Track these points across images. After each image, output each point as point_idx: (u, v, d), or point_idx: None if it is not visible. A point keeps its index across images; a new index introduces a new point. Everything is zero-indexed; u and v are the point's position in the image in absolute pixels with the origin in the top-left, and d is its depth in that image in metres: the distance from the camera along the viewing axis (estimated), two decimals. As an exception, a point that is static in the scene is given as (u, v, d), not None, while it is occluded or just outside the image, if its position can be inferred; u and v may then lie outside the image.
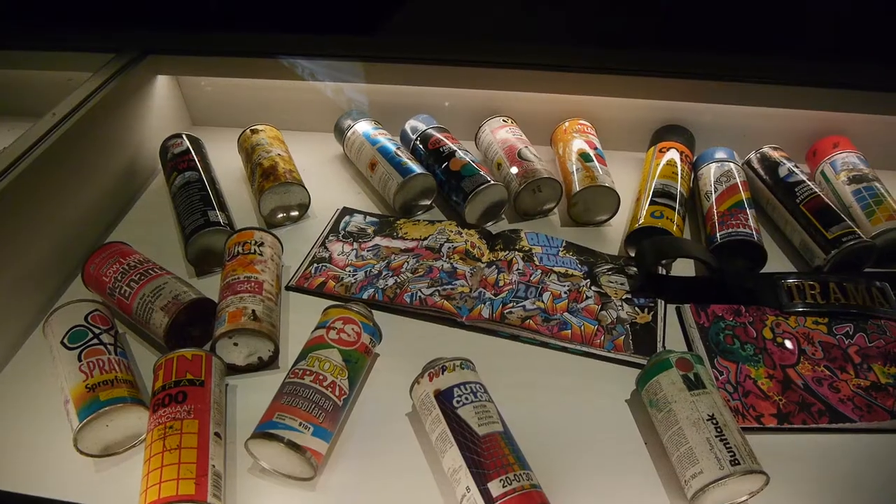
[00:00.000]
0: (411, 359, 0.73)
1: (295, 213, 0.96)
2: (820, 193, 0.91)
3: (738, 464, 0.59)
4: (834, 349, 0.77)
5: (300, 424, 0.63)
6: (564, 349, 0.78)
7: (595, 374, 0.76)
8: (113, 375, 0.68)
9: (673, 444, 0.63)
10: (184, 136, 1.04)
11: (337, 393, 0.67)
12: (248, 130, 1.05)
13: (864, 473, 0.67)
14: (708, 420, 0.62)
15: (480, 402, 0.64)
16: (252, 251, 0.82)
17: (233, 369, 0.76)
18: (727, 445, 0.60)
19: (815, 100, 1.07)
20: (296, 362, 0.69)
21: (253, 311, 0.74)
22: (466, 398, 0.64)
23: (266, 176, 0.95)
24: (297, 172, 0.98)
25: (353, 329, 0.72)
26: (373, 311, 0.78)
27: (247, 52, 1.12)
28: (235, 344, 0.74)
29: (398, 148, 0.99)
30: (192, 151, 1.01)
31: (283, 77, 1.16)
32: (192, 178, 0.95)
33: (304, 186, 0.96)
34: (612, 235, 0.95)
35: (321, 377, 0.67)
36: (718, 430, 0.61)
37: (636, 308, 0.81)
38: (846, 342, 0.78)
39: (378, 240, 0.92)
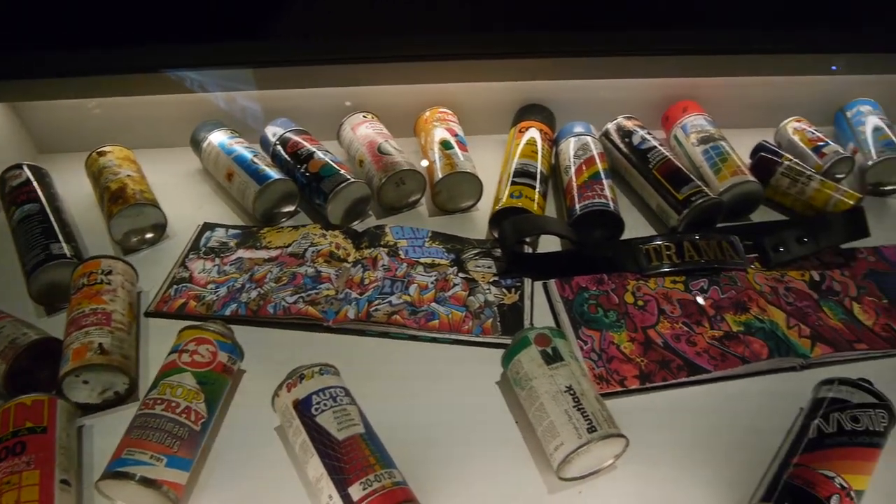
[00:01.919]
0: (279, 371, 0.70)
1: (151, 235, 0.92)
2: (671, 157, 0.94)
3: (595, 430, 0.60)
4: (690, 305, 0.80)
5: (152, 457, 0.59)
6: (434, 340, 0.77)
7: (466, 361, 0.76)
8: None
9: (537, 419, 0.64)
10: (24, 167, 0.97)
11: (193, 418, 0.64)
12: (94, 153, 0.99)
13: (722, 419, 0.70)
14: (566, 391, 0.63)
15: (340, 407, 0.62)
16: (99, 281, 0.77)
17: (88, 408, 0.71)
18: (584, 414, 0.61)
19: (663, 67, 1.11)
20: (147, 392, 0.66)
21: (100, 344, 0.70)
22: (325, 404, 0.62)
23: (114, 199, 0.90)
24: (149, 192, 0.93)
25: (207, 349, 0.69)
26: (236, 326, 0.75)
27: (89, 70, 1.06)
28: (85, 382, 0.70)
29: (256, 155, 0.96)
30: (34, 182, 0.94)
31: (134, 93, 1.10)
32: (33, 211, 0.89)
33: (157, 206, 0.91)
34: (480, 220, 0.95)
35: (174, 404, 0.63)
36: (576, 400, 0.62)
37: (503, 289, 0.82)
38: (701, 297, 0.81)
39: (241, 252, 0.89)
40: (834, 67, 1.13)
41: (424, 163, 0.98)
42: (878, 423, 0.62)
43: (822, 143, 1.02)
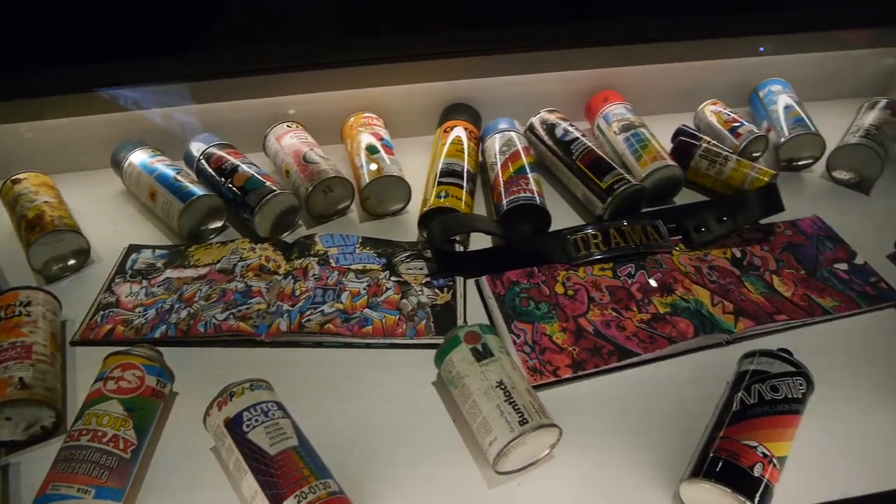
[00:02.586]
0: (213, 390, 0.68)
1: (73, 262, 0.89)
2: (594, 147, 0.96)
3: (527, 422, 0.60)
4: (619, 290, 0.82)
5: (79, 490, 0.58)
6: (368, 345, 0.77)
7: (401, 364, 0.76)
8: None
9: (471, 416, 0.64)
10: (-67, 201, 0.93)
11: (122, 446, 0.62)
12: (8, 181, 0.96)
13: (654, 400, 0.71)
14: (497, 386, 0.63)
15: (272, 421, 0.62)
16: (17, 313, 0.74)
17: (13, 446, 0.69)
18: (515, 407, 0.62)
19: (583, 59, 1.13)
20: (72, 424, 0.64)
21: (20, 378, 0.68)
22: (257, 420, 0.61)
23: (31, 227, 0.87)
24: (69, 218, 0.91)
25: (134, 374, 0.67)
26: (167, 348, 0.74)
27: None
28: (8, 418, 0.67)
29: (179, 173, 0.94)
30: (-57, 216, 0.90)
31: (48, 116, 1.07)
32: (-56, 246, 0.85)
33: (78, 232, 0.89)
34: (410, 223, 0.95)
35: (100, 433, 0.62)
36: (507, 394, 0.63)
37: (436, 290, 0.82)
38: (629, 282, 0.83)
39: (169, 272, 0.87)
40: (761, 49, 1.17)
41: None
42: (796, 391, 0.64)
43: (737, 124, 1.06)
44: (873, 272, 0.86)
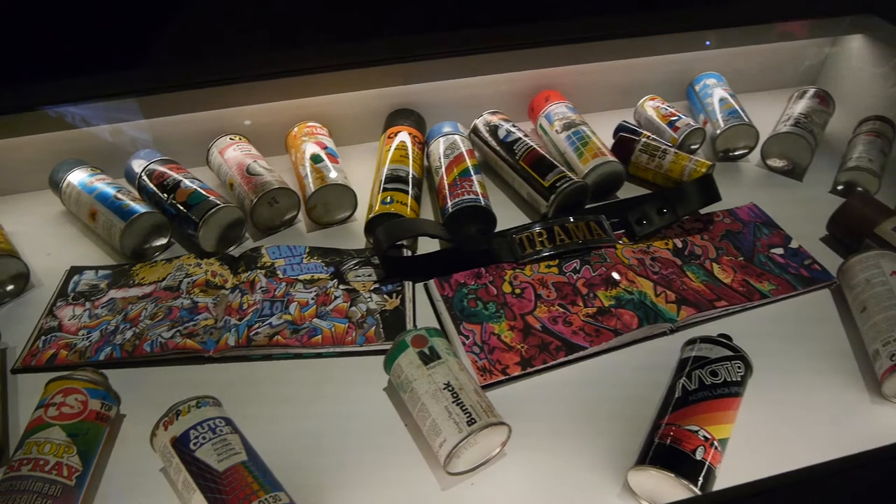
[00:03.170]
0: (161, 410, 0.68)
1: (12, 287, 0.87)
2: (536, 147, 0.97)
3: (475, 422, 0.61)
4: (565, 286, 0.83)
5: (21, 521, 0.57)
6: (319, 355, 0.77)
7: (352, 371, 0.76)
8: None
9: (421, 419, 0.65)
10: None
11: (66, 473, 0.61)
12: (-60, 208, 0.93)
13: (602, 392, 0.73)
14: (444, 388, 0.64)
15: (220, 437, 0.61)
16: (-48, 343, 0.72)
17: (-47, 480, 0.67)
18: (463, 408, 0.62)
19: (525, 60, 1.14)
20: (13, 454, 0.63)
21: (-43, 410, 0.66)
22: (204, 437, 0.61)
23: (-34, 255, 0.85)
24: (5, 242, 0.89)
25: (77, 399, 0.66)
26: (113, 370, 0.73)
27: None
28: (-55, 452, 0.65)
29: (119, 191, 0.93)
30: None
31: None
32: None
33: (15, 256, 0.86)
34: (358, 230, 0.95)
35: (42, 462, 0.61)
36: (454, 395, 0.63)
37: (385, 296, 0.83)
38: (575, 277, 0.84)
39: (113, 293, 0.85)
40: (707, 42, 1.20)
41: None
42: (735, 374, 0.66)
43: (675, 118, 1.08)
44: (807, 255, 0.89)
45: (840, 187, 1.01)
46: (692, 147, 1.08)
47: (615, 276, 0.83)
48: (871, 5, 1.16)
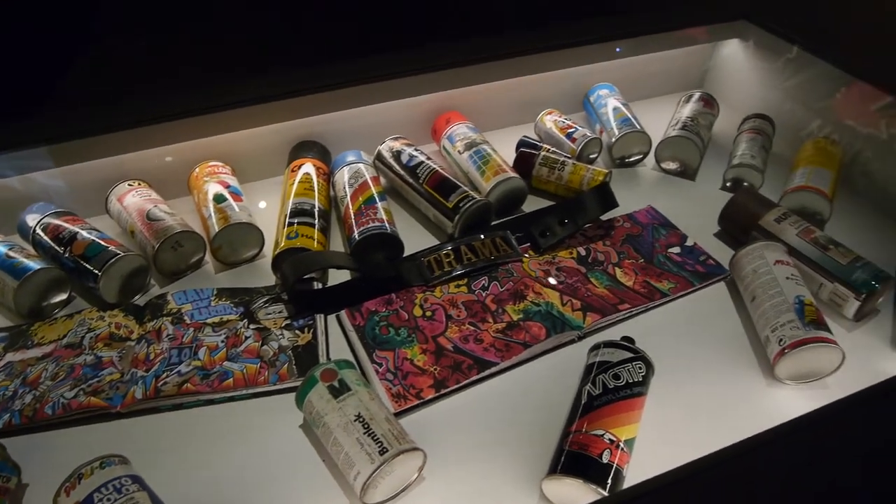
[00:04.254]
0: (66, 475, 0.65)
1: None
2: (438, 169, 0.99)
3: (387, 451, 0.62)
4: (475, 304, 0.85)
5: None
6: (231, 398, 0.76)
7: (267, 412, 0.75)
8: None
9: (335, 453, 0.65)
10: None
11: (-38, 554, 0.58)
12: None
13: (516, 406, 0.75)
14: (355, 420, 0.64)
15: (127, 497, 0.60)
16: None
17: None
18: (375, 438, 0.63)
19: (422, 85, 1.16)
20: None
21: None
22: (109, 498, 0.59)
23: None
24: None
25: (-30, 474, 0.63)
26: (12, 439, 0.70)
27: None
28: None
29: (12, 248, 0.89)
30: None
31: None
32: None
33: None
34: (269, 267, 0.94)
35: (-66, 546, 0.57)
36: (365, 426, 0.64)
37: (296, 332, 0.82)
38: (483, 294, 0.86)
39: (10, 356, 0.82)
40: (618, 49, 1.24)
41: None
42: (636, 375, 0.69)
43: (572, 129, 1.12)
44: (702, 251, 0.94)
45: (728, 184, 1.06)
46: (591, 156, 1.12)
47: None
48: (743, 13, 1.23)
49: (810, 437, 0.61)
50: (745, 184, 1.05)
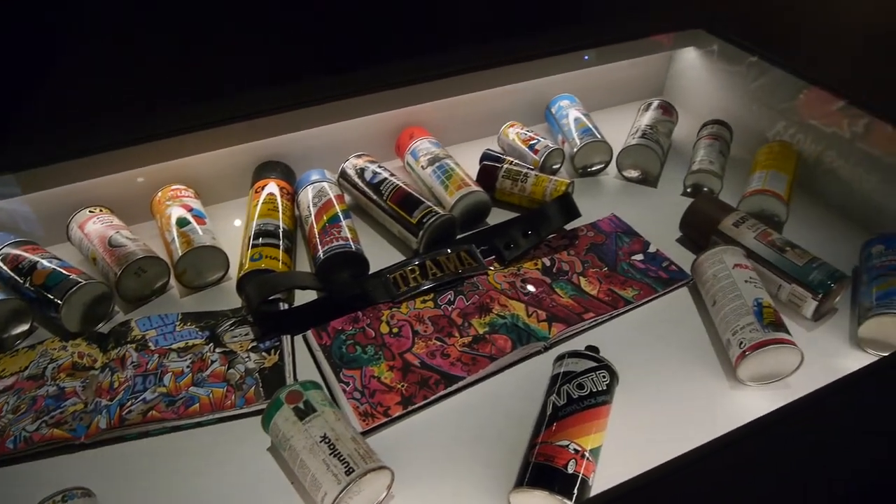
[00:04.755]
0: (34, 510, 0.65)
1: None
2: (401, 185, 0.99)
3: (353, 471, 0.62)
4: (441, 319, 0.85)
5: None
6: (198, 424, 0.75)
7: (234, 436, 0.74)
8: None
9: (302, 475, 0.65)
10: None
11: None
12: None
13: (484, 419, 0.75)
14: (321, 441, 0.64)
15: (90, 530, 0.59)
16: None
17: None
18: (340, 458, 0.63)
19: (384, 102, 1.17)
20: None
21: None
22: (72, 533, 0.58)
23: None
24: None
25: (-72, 514, 0.61)
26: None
27: None
28: None
29: (-30, 281, 0.88)
30: None
31: None
32: None
33: None
34: (234, 289, 0.94)
35: None
36: (331, 446, 0.64)
37: (263, 354, 0.82)
38: (450, 309, 0.87)
39: (-30, 391, 0.80)
40: (586, 57, 1.26)
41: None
42: (600, 384, 0.70)
43: (534, 141, 1.14)
44: (665, 257, 0.95)
45: (688, 189, 1.08)
46: (554, 167, 1.13)
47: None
48: (698, 22, 1.26)
49: (774, 436, 0.62)
50: (705, 189, 1.07)
